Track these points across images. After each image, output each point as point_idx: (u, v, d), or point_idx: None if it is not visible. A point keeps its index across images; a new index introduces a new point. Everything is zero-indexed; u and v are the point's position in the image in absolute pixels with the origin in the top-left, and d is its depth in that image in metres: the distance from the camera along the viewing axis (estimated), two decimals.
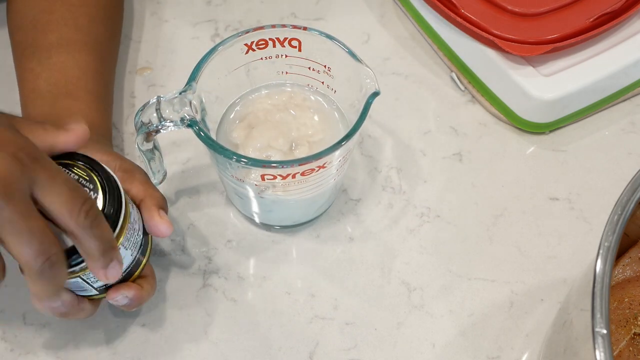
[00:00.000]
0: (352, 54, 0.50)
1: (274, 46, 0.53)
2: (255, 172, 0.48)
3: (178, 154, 0.60)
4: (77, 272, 0.42)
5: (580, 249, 0.56)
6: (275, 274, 0.55)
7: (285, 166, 0.46)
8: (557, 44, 0.59)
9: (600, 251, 0.37)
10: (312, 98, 0.55)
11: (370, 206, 0.58)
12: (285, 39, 0.52)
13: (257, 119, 0.53)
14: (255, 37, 0.52)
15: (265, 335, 0.52)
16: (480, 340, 0.52)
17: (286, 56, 0.53)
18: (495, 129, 0.63)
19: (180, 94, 0.48)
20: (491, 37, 0.59)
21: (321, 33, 0.51)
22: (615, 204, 0.38)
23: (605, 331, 0.34)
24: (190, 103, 0.48)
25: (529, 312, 0.53)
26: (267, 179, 0.48)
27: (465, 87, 0.65)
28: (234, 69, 0.53)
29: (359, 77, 0.50)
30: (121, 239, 0.43)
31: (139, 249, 0.46)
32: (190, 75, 0.49)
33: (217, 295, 0.53)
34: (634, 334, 0.45)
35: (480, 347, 0.51)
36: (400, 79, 0.66)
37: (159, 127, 0.47)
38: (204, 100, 0.51)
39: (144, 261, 0.48)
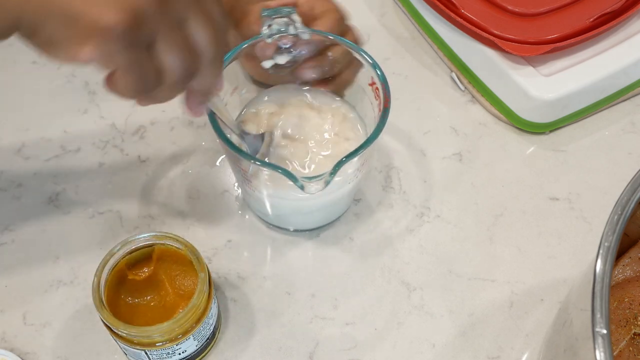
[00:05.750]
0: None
1: None
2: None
3: (178, 153, 0.60)
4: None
5: (580, 249, 0.56)
6: (275, 274, 0.55)
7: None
8: (557, 44, 0.59)
9: (600, 251, 0.37)
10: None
11: (371, 206, 0.58)
12: None
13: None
14: None
15: (265, 335, 0.52)
16: (480, 340, 0.52)
17: None
18: (495, 129, 0.63)
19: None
20: (491, 37, 0.59)
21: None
22: (615, 204, 0.38)
23: (605, 331, 0.34)
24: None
25: (529, 312, 0.53)
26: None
27: (465, 87, 0.65)
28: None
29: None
30: (194, 331, 0.45)
31: (205, 341, 0.48)
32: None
33: (218, 295, 0.53)
34: (634, 334, 0.45)
35: (480, 347, 0.51)
36: (400, 79, 0.66)
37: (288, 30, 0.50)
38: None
39: (204, 355, 0.50)
